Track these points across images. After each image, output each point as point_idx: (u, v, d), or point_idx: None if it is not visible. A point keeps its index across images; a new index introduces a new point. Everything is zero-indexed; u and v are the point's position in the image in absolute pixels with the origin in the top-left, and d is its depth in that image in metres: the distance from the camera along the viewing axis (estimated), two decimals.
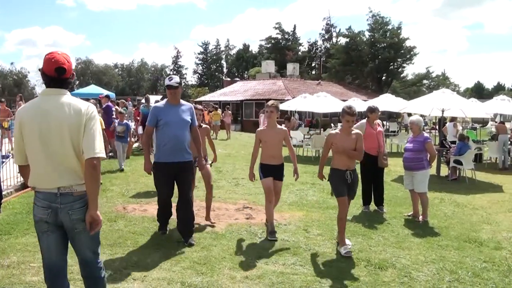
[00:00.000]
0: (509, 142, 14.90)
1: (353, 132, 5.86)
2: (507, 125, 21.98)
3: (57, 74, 3.16)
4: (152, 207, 7.56)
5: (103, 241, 5.81)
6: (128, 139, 12.61)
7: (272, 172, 6.30)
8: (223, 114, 26.19)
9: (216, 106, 29.52)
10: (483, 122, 31.80)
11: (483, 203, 9.22)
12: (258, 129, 6.49)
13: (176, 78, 5.87)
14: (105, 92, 22.05)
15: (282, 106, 21.01)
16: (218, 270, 5.01)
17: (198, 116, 6.47)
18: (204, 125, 6.89)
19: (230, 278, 4.78)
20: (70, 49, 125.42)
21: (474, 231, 7.00)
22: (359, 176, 8.22)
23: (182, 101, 5.97)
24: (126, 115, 14.26)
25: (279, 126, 6.35)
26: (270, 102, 6.28)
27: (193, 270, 4.96)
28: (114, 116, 13.46)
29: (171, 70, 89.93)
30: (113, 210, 7.51)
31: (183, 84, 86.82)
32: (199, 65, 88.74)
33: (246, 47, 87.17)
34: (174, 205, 6.14)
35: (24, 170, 3.34)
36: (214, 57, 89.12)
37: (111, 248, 5.62)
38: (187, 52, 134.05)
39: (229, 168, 12.72)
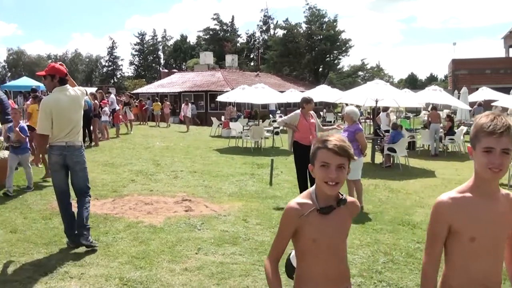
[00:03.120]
0: (440, 131, 15.63)
1: None
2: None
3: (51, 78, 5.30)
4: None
5: (38, 240, 5.63)
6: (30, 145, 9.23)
7: None
8: (163, 105, 28.22)
9: (157, 99, 31.30)
10: (417, 111, 33.15)
11: (416, 187, 9.65)
12: (442, 198, 2.28)
13: None
14: (39, 84, 21.00)
15: (221, 98, 21.03)
16: (157, 263, 4.95)
17: None
18: (351, 199, 2.39)
19: (169, 271, 4.74)
20: (1, 39, 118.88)
21: (408, 214, 7.32)
22: (294, 166, 8.43)
23: None
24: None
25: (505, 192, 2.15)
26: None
27: (131, 265, 4.87)
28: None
29: (106, 61, 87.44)
30: (48, 208, 7.19)
31: (119, 75, 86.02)
32: (136, 56, 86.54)
33: (183, 38, 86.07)
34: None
35: (45, 137, 5.29)
36: (151, 48, 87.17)
37: (46, 247, 5.41)
38: (123, 43, 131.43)
39: (167, 161, 12.55)
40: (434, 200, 2.10)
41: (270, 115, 27.87)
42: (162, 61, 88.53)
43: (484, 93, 24.25)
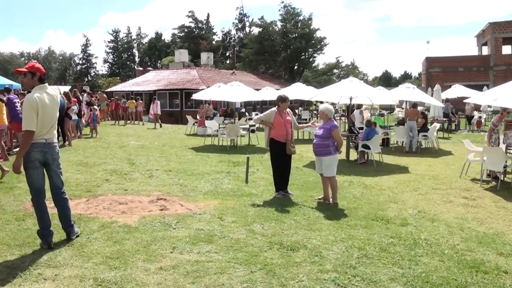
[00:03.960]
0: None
1: None
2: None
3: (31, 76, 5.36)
4: None
5: (11, 242, 5.53)
6: None
7: None
8: (137, 103, 28.88)
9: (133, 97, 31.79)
10: (391, 108, 33.61)
11: (390, 183, 9.79)
12: None
13: None
14: (12, 83, 20.50)
15: (196, 96, 20.93)
16: (132, 263, 4.91)
17: None
18: None
19: (144, 271, 4.70)
20: None
21: (381, 210, 7.42)
22: (270, 163, 8.47)
23: None
24: None
25: None
26: None
27: (105, 265, 4.82)
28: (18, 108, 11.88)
29: (80, 59, 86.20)
30: (21, 209, 7.06)
31: (93, 73, 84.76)
32: (110, 53, 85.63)
33: (158, 36, 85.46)
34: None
35: (32, 133, 5.13)
36: (126, 45, 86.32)
37: (20, 249, 5.31)
38: (97, 40, 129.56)
39: (142, 160, 12.45)
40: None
41: (246, 113, 27.88)
42: (137, 59, 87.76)
43: (457, 91, 24.76)
